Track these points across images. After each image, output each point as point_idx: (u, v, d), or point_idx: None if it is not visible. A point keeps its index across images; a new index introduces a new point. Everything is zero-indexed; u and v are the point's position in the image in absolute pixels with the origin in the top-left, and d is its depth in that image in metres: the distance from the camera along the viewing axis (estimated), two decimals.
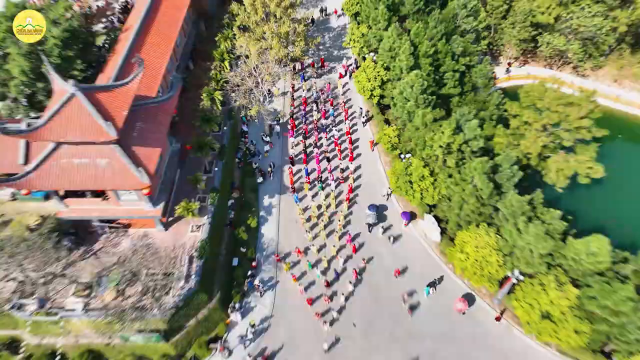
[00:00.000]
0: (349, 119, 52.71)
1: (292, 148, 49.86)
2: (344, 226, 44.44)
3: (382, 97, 50.29)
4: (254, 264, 41.57)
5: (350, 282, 40.03)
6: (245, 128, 51.74)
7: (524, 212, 36.06)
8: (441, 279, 41.92)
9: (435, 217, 43.59)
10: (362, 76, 49.51)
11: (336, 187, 47.23)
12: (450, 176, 40.30)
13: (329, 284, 40.09)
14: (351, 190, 46.49)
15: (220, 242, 42.01)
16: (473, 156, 40.82)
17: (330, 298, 39.66)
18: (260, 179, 47.31)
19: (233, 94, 45.65)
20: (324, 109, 53.23)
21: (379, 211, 44.65)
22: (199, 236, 39.40)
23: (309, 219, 44.87)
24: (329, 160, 49.10)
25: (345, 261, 42.06)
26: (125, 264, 36.63)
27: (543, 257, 35.28)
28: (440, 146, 39.81)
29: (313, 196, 46.65)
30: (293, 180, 47.33)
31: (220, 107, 45.60)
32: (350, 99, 54.98)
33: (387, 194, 46.36)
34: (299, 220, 44.94)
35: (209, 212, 40.87)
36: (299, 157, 49.81)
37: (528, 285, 36.14)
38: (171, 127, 44.17)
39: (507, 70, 61.65)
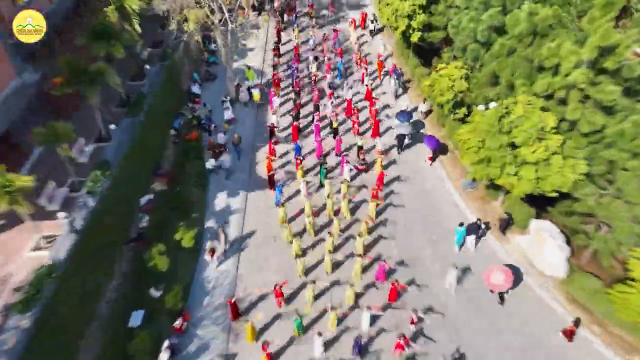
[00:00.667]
0: (369, 75, 31.90)
1: (275, 114, 28.67)
2: (368, 248, 22.37)
3: (427, 28, 29.67)
4: (178, 323, 19.08)
5: None
6: (196, 89, 30.89)
7: None
8: (487, 226, 22.79)
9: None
10: None
11: (352, 178, 25.63)
12: (600, 130, 18.65)
13: None
14: (382, 182, 24.76)
15: (105, 274, 19.65)
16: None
17: None
18: (211, 162, 25.72)
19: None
20: (328, 62, 32.62)
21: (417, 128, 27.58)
22: (46, 259, 17.36)
23: (300, 234, 22.88)
24: (336, 133, 27.76)
25: (375, 319, 19.61)
26: None
27: None
28: (577, 66, 18.50)
29: (310, 193, 24.91)
30: (272, 167, 25.72)
31: (138, 28, 24.82)
32: (369, 54, 34.48)
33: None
34: (281, 236, 22.98)
35: (80, 209, 19.03)
36: (286, 131, 28.60)
37: None
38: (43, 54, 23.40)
39: None
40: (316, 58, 32.55)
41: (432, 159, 26.44)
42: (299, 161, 25.18)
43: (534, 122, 18.73)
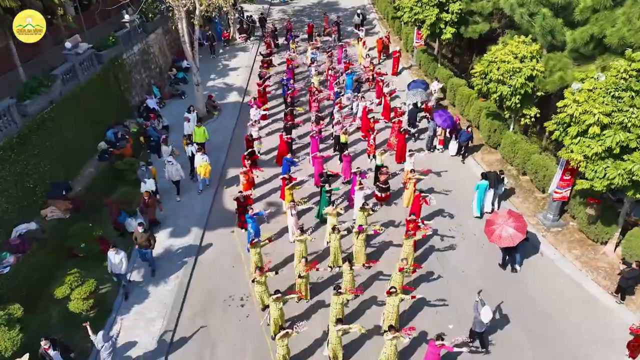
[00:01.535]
0: (386, 86, 23.55)
1: (253, 125, 19.97)
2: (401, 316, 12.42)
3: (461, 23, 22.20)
4: None
5: None
6: (152, 103, 22.74)
7: None
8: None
9: None
10: None
11: (374, 208, 15.79)
12: None
13: None
14: (418, 210, 15.13)
15: None
16: None
17: None
18: (151, 184, 16.50)
19: None
20: (332, 72, 24.60)
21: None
22: None
23: (284, 294, 12.79)
24: (344, 148, 18.78)
25: None
26: None
27: None
28: None
29: (303, 230, 15.02)
30: (249, 187, 16.54)
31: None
32: (387, 73, 26.65)
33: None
34: (251, 297, 13.10)
35: None
36: (270, 154, 19.89)
37: None
38: None
39: None
40: (318, 72, 24.74)
41: (445, 133, 19.71)
42: (286, 181, 15.97)
43: None
